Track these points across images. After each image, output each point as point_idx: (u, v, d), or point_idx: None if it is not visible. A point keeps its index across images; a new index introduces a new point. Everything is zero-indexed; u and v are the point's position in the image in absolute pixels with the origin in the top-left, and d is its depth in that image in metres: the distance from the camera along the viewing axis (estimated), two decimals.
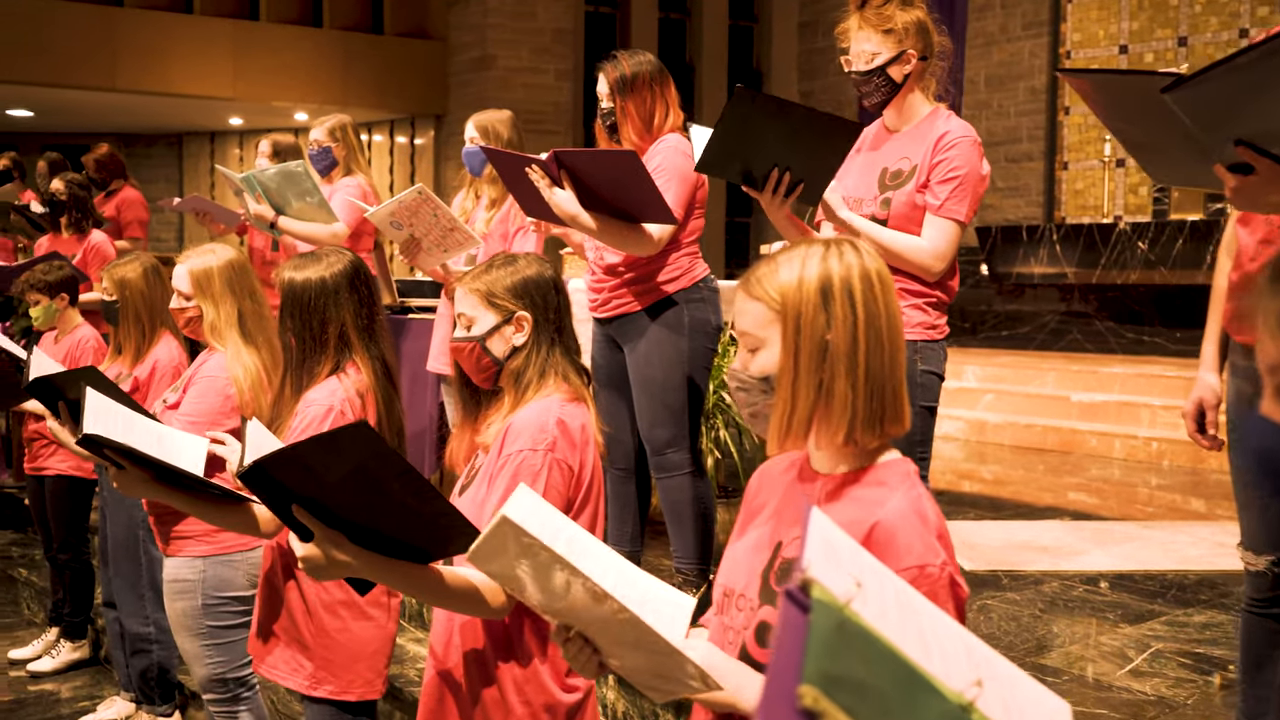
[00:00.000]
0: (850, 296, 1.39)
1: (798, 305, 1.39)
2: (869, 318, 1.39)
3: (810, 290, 1.39)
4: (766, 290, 1.41)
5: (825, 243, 1.42)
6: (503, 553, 1.32)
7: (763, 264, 1.44)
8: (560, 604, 1.34)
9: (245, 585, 2.98)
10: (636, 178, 2.99)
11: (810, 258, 1.40)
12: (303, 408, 2.38)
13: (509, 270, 2.00)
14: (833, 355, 1.38)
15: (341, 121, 4.77)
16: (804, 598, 0.86)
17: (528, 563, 1.31)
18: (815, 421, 1.39)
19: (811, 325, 1.38)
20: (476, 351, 1.99)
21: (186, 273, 2.94)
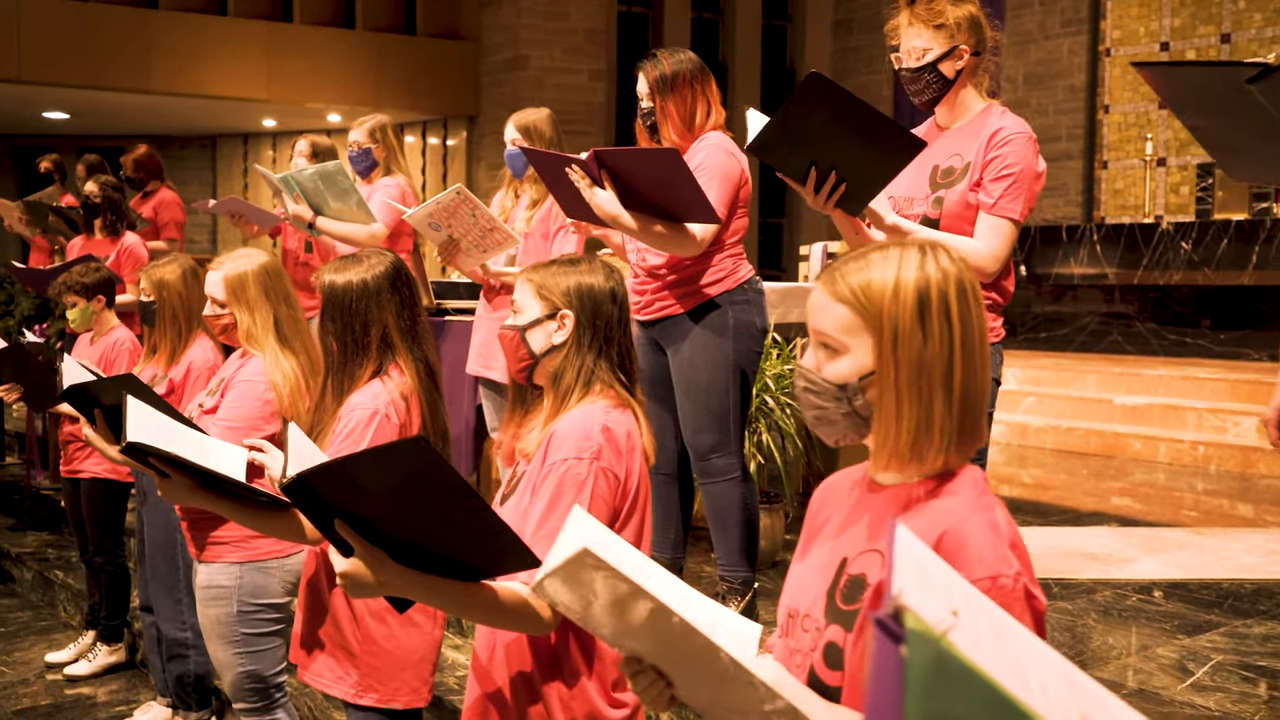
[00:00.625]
0: (947, 311, 1.31)
1: (894, 317, 1.31)
2: (964, 335, 1.31)
3: (907, 301, 1.31)
4: (856, 294, 1.33)
5: (919, 247, 1.35)
6: (576, 585, 1.26)
7: (851, 263, 1.36)
8: (635, 636, 1.28)
9: (280, 592, 2.94)
10: (679, 176, 2.93)
11: (906, 263, 1.32)
12: (345, 412, 2.33)
13: (569, 270, 1.96)
14: (929, 375, 1.31)
15: (381, 122, 4.74)
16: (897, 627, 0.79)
17: (605, 595, 1.24)
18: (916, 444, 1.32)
19: (909, 341, 1.30)
20: (516, 340, 1.95)
21: (221, 279, 2.90)
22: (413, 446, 1.54)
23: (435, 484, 1.57)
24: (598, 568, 1.22)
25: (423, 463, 1.55)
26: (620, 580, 1.22)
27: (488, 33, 11.43)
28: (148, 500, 3.76)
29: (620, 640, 1.32)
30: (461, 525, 1.62)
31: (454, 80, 11.46)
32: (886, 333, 1.31)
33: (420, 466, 1.55)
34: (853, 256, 1.37)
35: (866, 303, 1.32)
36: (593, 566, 1.22)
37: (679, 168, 2.90)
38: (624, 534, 1.87)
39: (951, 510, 1.31)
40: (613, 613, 1.26)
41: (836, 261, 1.38)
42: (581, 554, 1.22)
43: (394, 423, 2.32)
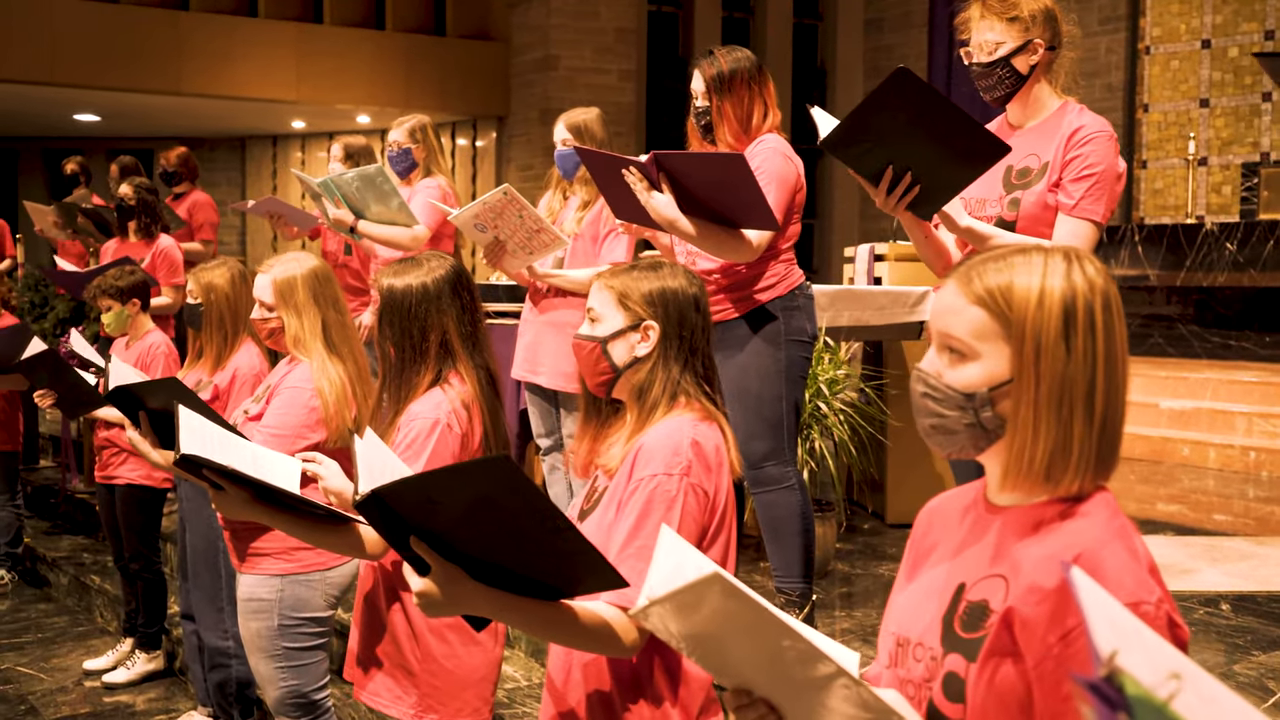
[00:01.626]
0: (1092, 325, 1.22)
1: (1038, 328, 1.22)
2: (1108, 351, 1.23)
3: (1053, 312, 1.22)
4: (996, 298, 1.23)
5: (1064, 254, 1.25)
6: (691, 612, 1.17)
7: (990, 263, 1.26)
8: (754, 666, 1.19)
9: (322, 606, 2.87)
10: (742, 181, 2.84)
11: (1053, 270, 1.23)
12: (405, 422, 2.26)
13: (651, 275, 1.87)
14: (1071, 392, 1.22)
15: (421, 122, 4.67)
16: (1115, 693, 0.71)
17: (727, 624, 1.15)
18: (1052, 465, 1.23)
19: (1052, 355, 1.21)
20: (596, 352, 1.87)
21: (270, 283, 2.84)
22: (494, 466, 1.47)
23: (517, 502, 1.50)
24: (730, 595, 1.13)
25: (504, 482, 1.48)
26: (751, 608, 1.13)
27: (517, 33, 11.37)
28: (190, 507, 3.70)
29: (733, 671, 1.23)
30: (543, 543, 1.55)
31: (483, 81, 11.40)
32: (1028, 343, 1.22)
33: (501, 485, 1.48)
34: (990, 257, 1.28)
35: (1007, 308, 1.23)
36: (723, 593, 1.13)
37: (744, 173, 2.81)
38: (711, 553, 1.78)
39: (1085, 533, 1.22)
40: (731, 642, 1.17)
41: (971, 261, 1.29)
42: (711, 579, 1.13)
43: (456, 432, 2.25)
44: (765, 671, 1.18)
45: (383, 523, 1.62)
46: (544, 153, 11.30)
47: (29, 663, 4.68)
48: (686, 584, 1.14)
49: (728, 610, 1.14)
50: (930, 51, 11.51)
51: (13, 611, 5.35)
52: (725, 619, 1.15)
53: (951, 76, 11.11)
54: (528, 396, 4.01)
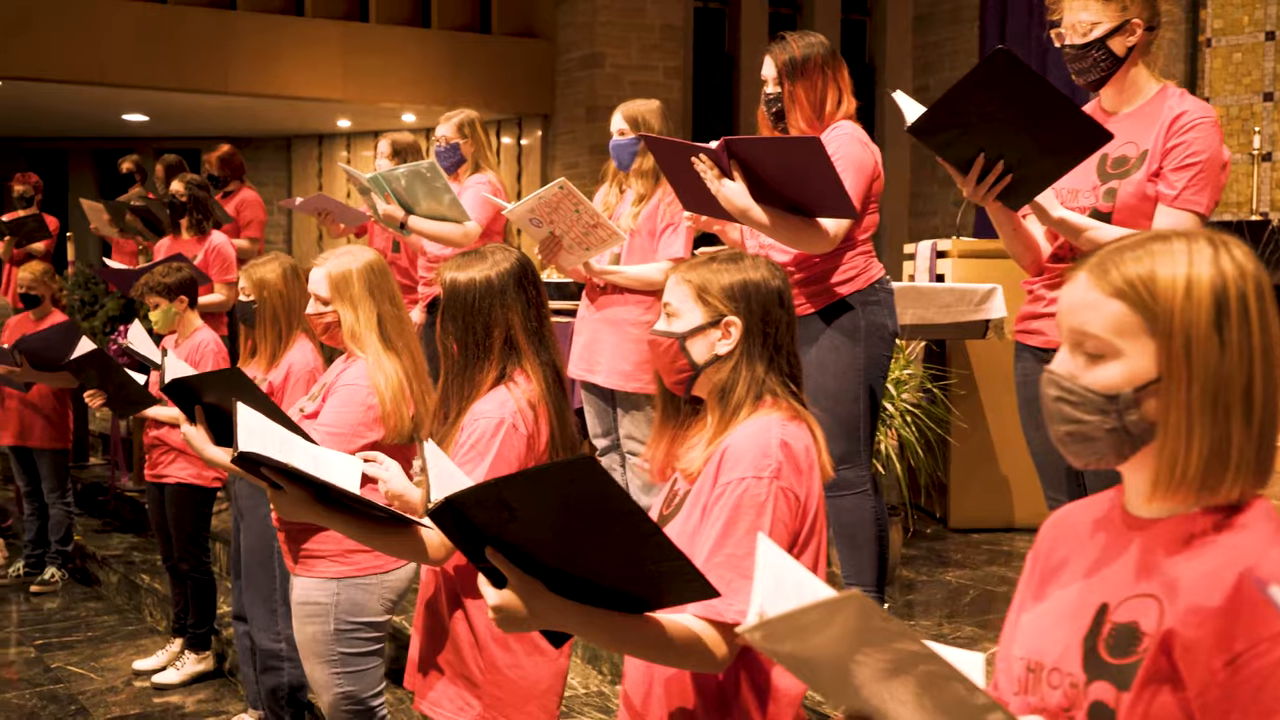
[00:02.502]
0: (1246, 315, 1.10)
1: (1187, 320, 1.10)
2: (1265, 344, 1.11)
3: (1203, 303, 1.10)
4: (1137, 289, 1.12)
5: (1208, 238, 1.14)
6: (815, 633, 1.05)
7: (1127, 252, 1.15)
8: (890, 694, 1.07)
9: (379, 610, 2.79)
10: (818, 167, 2.73)
11: (1199, 257, 1.12)
12: (469, 421, 2.16)
13: (731, 268, 1.76)
14: (1227, 390, 1.10)
15: (469, 117, 4.59)
16: None
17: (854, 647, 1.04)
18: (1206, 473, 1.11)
19: (1204, 350, 1.10)
20: (674, 350, 1.76)
21: (324, 276, 2.76)
22: (579, 469, 1.37)
23: (601, 508, 1.40)
24: (868, 617, 1.01)
25: (589, 485, 1.38)
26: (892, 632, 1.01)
27: (563, 31, 11.29)
28: (244, 506, 3.64)
29: (853, 695, 1.12)
30: (629, 552, 1.45)
31: (529, 79, 11.33)
32: (1177, 338, 1.10)
33: (585, 489, 1.38)
34: (1125, 245, 1.16)
35: (1150, 300, 1.11)
36: (861, 615, 1.01)
37: (819, 158, 2.70)
38: (801, 561, 1.67)
39: (1249, 547, 1.10)
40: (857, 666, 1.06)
41: (1104, 251, 1.17)
42: (849, 600, 1.01)
43: (521, 433, 2.15)
44: (897, 698, 1.07)
45: (457, 532, 1.53)
46: (589, 151, 11.20)
47: (79, 662, 4.64)
48: (816, 603, 1.02)
49: (862, 632, 1.02)
50: (982, 47, 11.30)
51: (63, 610, 5.33)
52: (856, 641, 1.03)
53: None
54: (584, 396, 3.91)
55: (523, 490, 1.43)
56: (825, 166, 2.73)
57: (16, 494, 6.09)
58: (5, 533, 6.37)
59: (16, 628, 5.08)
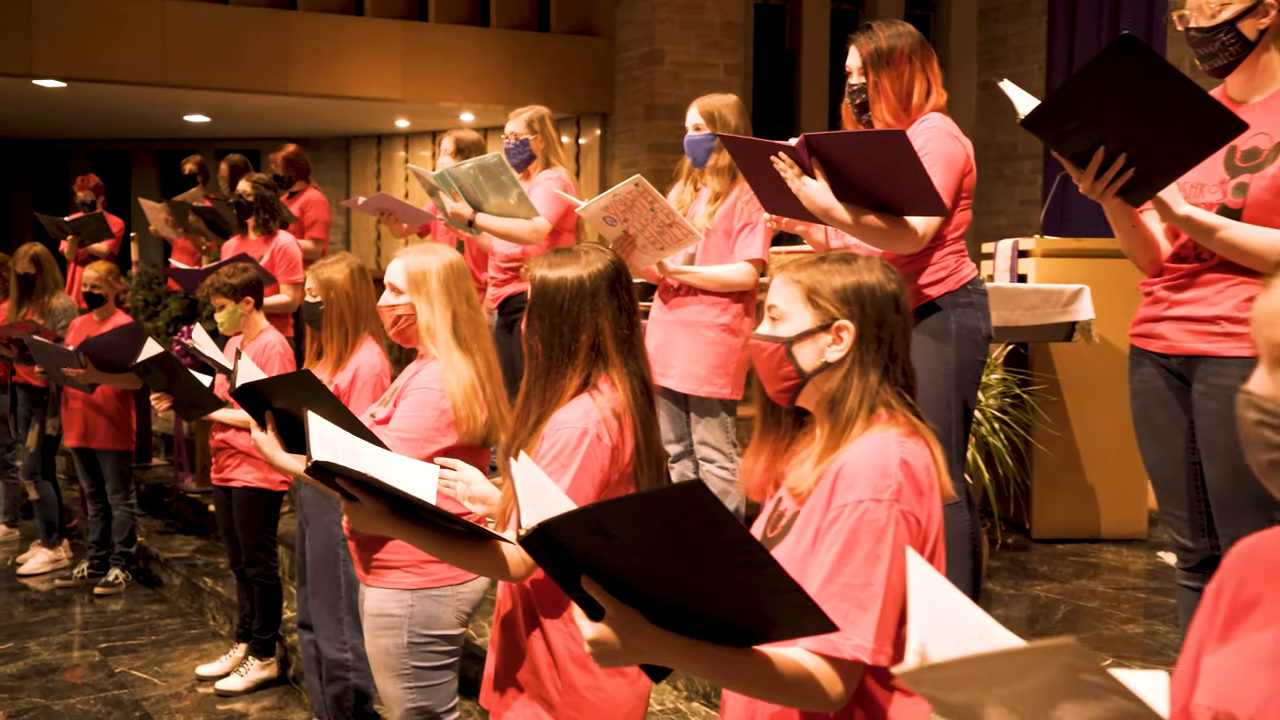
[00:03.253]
0: None
1: None
2: None
3: None
4: None
5: None
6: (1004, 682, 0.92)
7: None
8: None
9: (454, 623, 2.69)
10: (906, 163, 2.58)
11: None
12: (551, 431, 2.05)
13: (844, 269, 1.63)
14: None
15: (539, 113, 4.49)
16: None
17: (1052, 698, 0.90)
18: None
19: None
20: (779, 355, 1.64)
21: (403, 268, 2.67)
22: (686, 493, 1.26)
23: (710, 535, 1.28)
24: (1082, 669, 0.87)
25: (697, 511, 1.26)
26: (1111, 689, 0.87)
27: (622, 29, 11.18)
28: (310, 512, 3.56)
29: None
30: (738, 582, 1.32)
31: (587, 77, 11.24)
32: None
33: (694, 515, 1.27)
34: None
35: None
36: (1073, 663, 0.87)
37: (906, 153, 2.55)
38: None
39: None
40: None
41: None
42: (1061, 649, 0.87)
43: (606, 444, 2.03)
44: None
45: (550, 559, 1.41)
46: (648, 150, 11.09)
47: (143, 666, 4.61)
48: (1020, 649, 0.89)
49: (1069, 685, 0.88)
50: (1050, 42, 11.04)
51: (127, 612, 5.31)
52: (1058, 695, 0.89)
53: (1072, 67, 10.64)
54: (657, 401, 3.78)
55: (625, 516, 1.32)
56: (912, 161, 2.58)
57: (81, 495, 6.09)
58: (70, 533, 6.38)
59: (81, 630, 5.06)
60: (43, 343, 5.14)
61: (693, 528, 1.28)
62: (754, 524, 1.72)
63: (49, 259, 5.86)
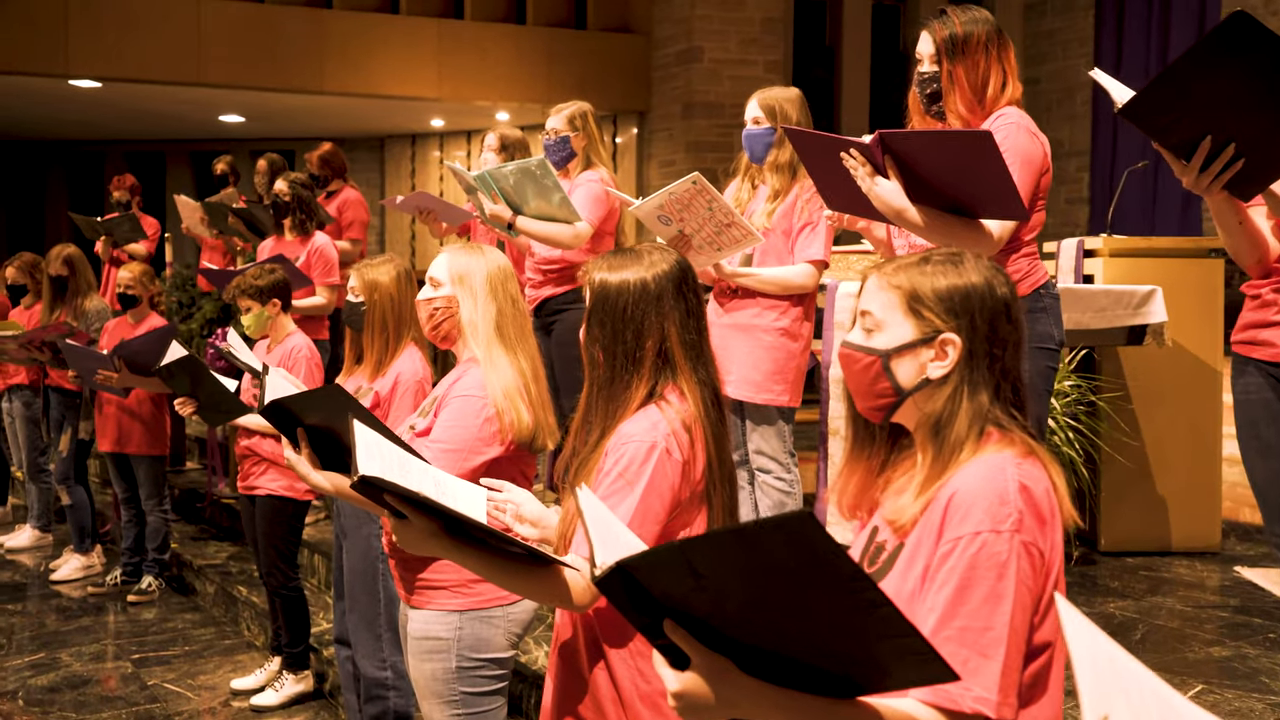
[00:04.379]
0: None
1: None
2: None
3: None
4: None
5: None
6: None
7: None
8: None
9: (504, 645, 2.52)
10: (988, 164, 2.41)
11: None
12: (615, 445, 1.88)
13: (949, 271, 1.46)
14: None
15: (582, 109, 4.33)
16: None
17: None
18: None
19: None
20: (875, 369, 1.47)
21: (445, 261, 2.51)
22: (792, 527, 1.10)
23: (818, 574, 1.12)
24: None
25: (804, 547, 1.11)
26: None
27: (659, 25, 11.03)
28: (347, 524, 3.42)
29: None
30: (847, 626, 1.16)
31: (624, 75, 11.10)
32: None
33: (799, 552, 1.11)
34: None
35: None
36: None
37: (989, 154, 2.38)
38: (1042, 632, 1.36)
39: None
40: None
41: None
42: None
43: (676, 459, 1.86)
44: None
45: (628, 601, 1.26)
46: (686, 148, 10.92)
47: (176, 679, 4.48)
48: None
49: None
50: (1097, 36, 10.78)
51: (160, 621, 5.19)
52: None
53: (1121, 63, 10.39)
54: None
55: (718, 554, 1.16)
56: (996, 163, 2.41)
57: (114, 500, 5.99)
58: (102, 539, 6.28)
59: (113, 639, 4.95)
60: (76, 346, 5.04)
61: (799, 565, 1.13)
62: None
63: (82, 260, 5.76)
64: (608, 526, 1.44)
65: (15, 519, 7.00)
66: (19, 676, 4.49)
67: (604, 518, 1.47)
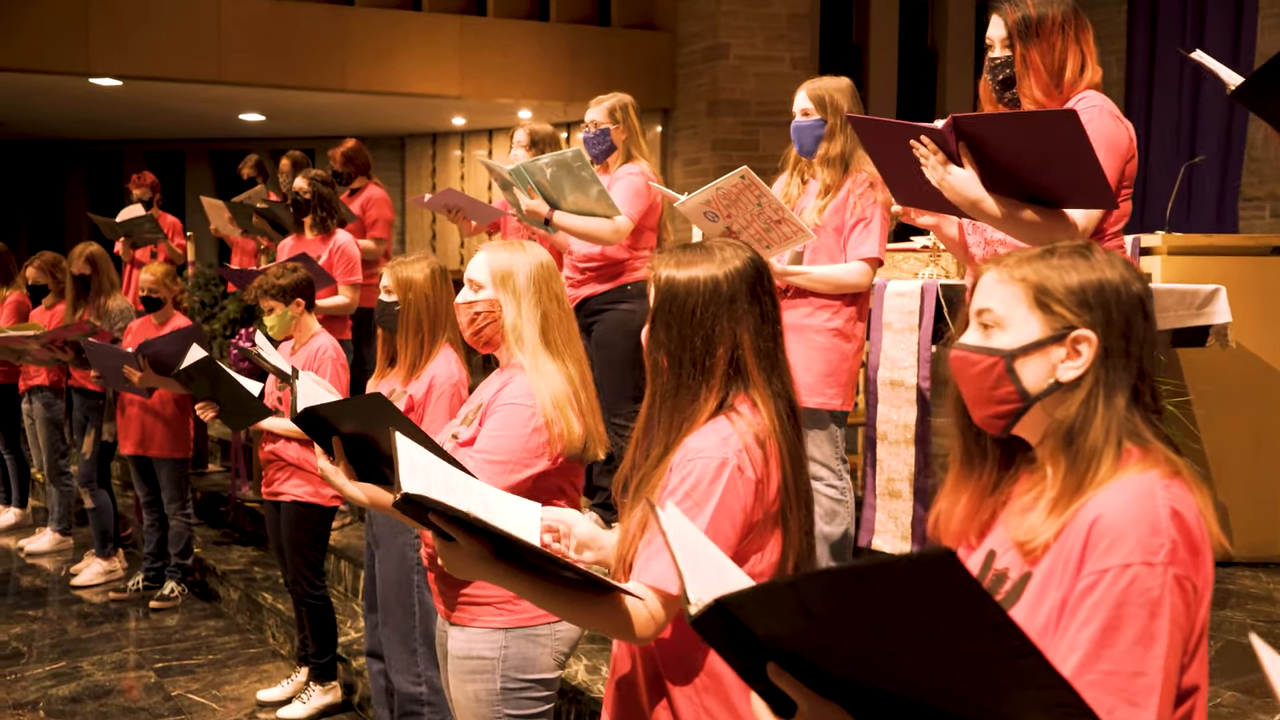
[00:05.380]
0: None
1: None
2: None
3: None
4: None
5: None
6: None
7: None
8: None
9: (551, 665, 2.38)
10: (1074, 148, 2.25)
11: None
12: (682, 460, 1.72)
13: (1080, 264, 1.32)
14: None
15: (622, 101, 4.19)
16: None
17: None
18: None
19: None
20: (997, 372, 1.32)
21: (486, 261, 2.36)
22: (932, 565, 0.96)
23: (955, 617, 0.98)
24: None
25: (942, 587, 0.97)
26: None
27: (684, 22, 10.87)
28: (381, 533, 3.28)
29: None
30: (982, 672, 1.02)
31: (649, 72, 10.94)
32: None
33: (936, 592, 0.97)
34: None
35: None
36: None
37: (1076, 137, 2.22)
38: (1191, 674, 1.21)
39: None
40: None
41: None
42: None
43: (749, 477, 1.71)
44: None
45: (728, 642, 1.11)
46: (711, 146, 10.76)
47: (200, 689, 4.35)
48: None
49: None
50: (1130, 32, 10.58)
51: (183, 628, 5.07)
52: None
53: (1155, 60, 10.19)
54: None
55: (838, 592, 1.02)
56: (1083, 146, 2.25)
57: (135, 503, 5.87)
58: (124, 542, 6.16)
59: (136, 648, 4.82)
60: (98, 344, 4.92)
61: (935, 608, 0.98)
62: None
63: (105, 259, 5.64)
64: (697, 551, 1.29)
65: (35, 521, 6.89)
66: (40, 686, 4.37)
67: (692, 541, 1.32)
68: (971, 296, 1.38)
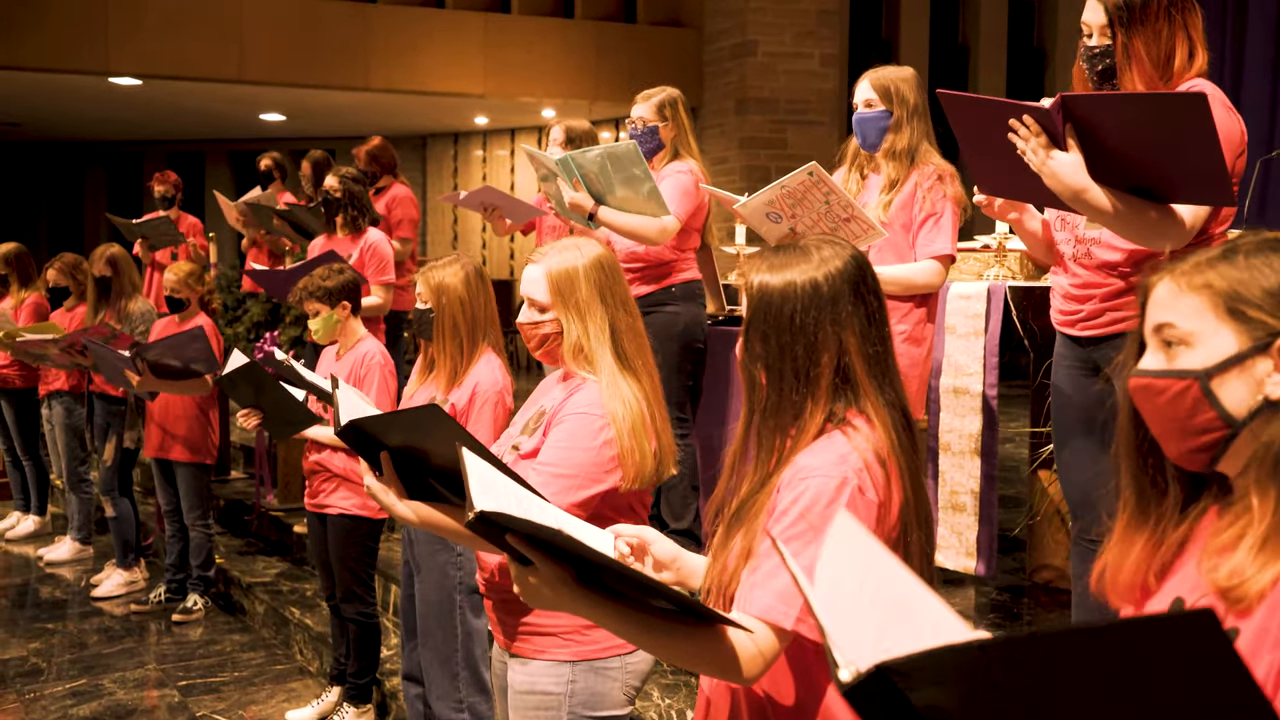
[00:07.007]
0: None
1: None
2: None
3: None
4: None
5: None
6: None
7: None
8: None
9: (621, 701, 2.18)
10: (1197, 136, 2.05)
11: None
12: (792, 479, 1.53)
13: (1276, 261, 1.12)
14: None
15: (671, 96, 4.00)
16: None
17: None
18: None
19: None
20: (1192, 396, 1.14)
21: (544, 275, 2.15)
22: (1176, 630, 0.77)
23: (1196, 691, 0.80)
24: None
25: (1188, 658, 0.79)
26: None
27: (711, 19, 10.68)
28: (421, 551, 3.09)
29: None
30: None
31: (675, 70, 10.75)
32: None
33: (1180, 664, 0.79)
34: None
35: None
36: None
37: (1201, 121, 2.02)
38: None
39: None
40: None
41: None
42: None
43: (870, 499, 1.52)
44: None
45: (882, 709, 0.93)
46: (739, 145, 10.57)
47: (226, 709, 4.18)
48: None
49: None
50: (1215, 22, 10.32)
51: (206, 643, 4.89)
52: None
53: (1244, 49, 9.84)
54: None
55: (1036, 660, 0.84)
56: (1208, 135, 2.05)
57: (156, 511, 5.71)
58: (145, 551, 6.00)
59: (158, 664, 4.65)
60: (100, 346, 4.74)
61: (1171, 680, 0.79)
62: None
63: (126, 260, 5.47)
64: (844, 598, 1.09)
65: (55, 529, 6.74)
66: (60, 705, 4.20)
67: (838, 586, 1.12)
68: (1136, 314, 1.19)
